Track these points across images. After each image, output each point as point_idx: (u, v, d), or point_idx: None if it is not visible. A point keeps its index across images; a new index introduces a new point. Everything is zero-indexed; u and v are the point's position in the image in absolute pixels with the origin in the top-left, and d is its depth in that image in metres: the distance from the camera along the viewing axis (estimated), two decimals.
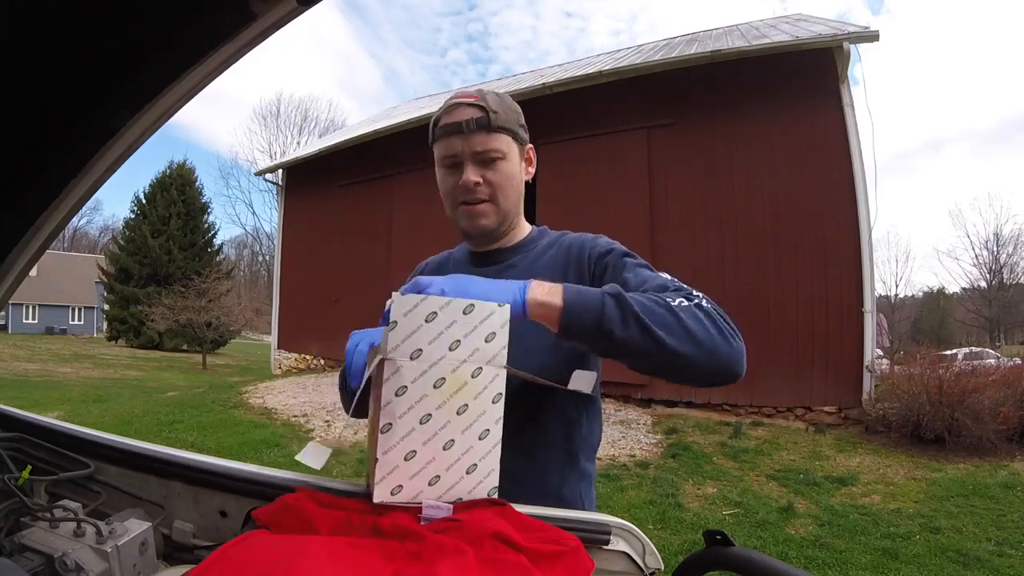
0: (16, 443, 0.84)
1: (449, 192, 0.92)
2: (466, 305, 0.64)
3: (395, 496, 0.62)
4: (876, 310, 6.28)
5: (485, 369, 0.65)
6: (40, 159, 0.73)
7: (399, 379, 0.62)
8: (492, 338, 0.65)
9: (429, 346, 0.62)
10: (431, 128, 0.93)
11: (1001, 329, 26.83)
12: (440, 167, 0.92)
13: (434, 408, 0.63)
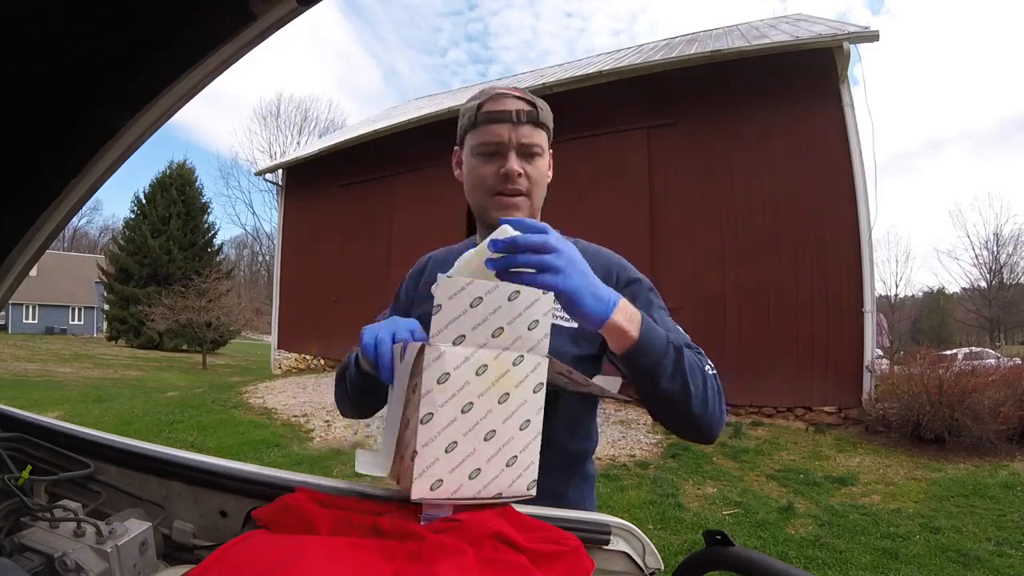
0: (16, 443, 0.84)
1: (484, 180, 0.89)
2: (512, 291, 0.62)
3: (434, 491, 0.59)
4: (876, 310, 6.28)
5: (527, 357, 0.63)
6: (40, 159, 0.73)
7: (442, 365, 0.59)
8: (535, 326, 0.63)
9: (473, 332, 0.60)
10: (469, 115, 0.90)
11: (1001, 329, 26.83)
12: (475, 155, 0.89)
13: (476, 396, 0.61)
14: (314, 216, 11.09)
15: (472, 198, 0.93)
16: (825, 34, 6.26)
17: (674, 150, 7.01)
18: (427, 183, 9.22)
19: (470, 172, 0.91)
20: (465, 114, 0.91)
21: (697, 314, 6.66)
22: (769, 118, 6.57)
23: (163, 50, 0.61)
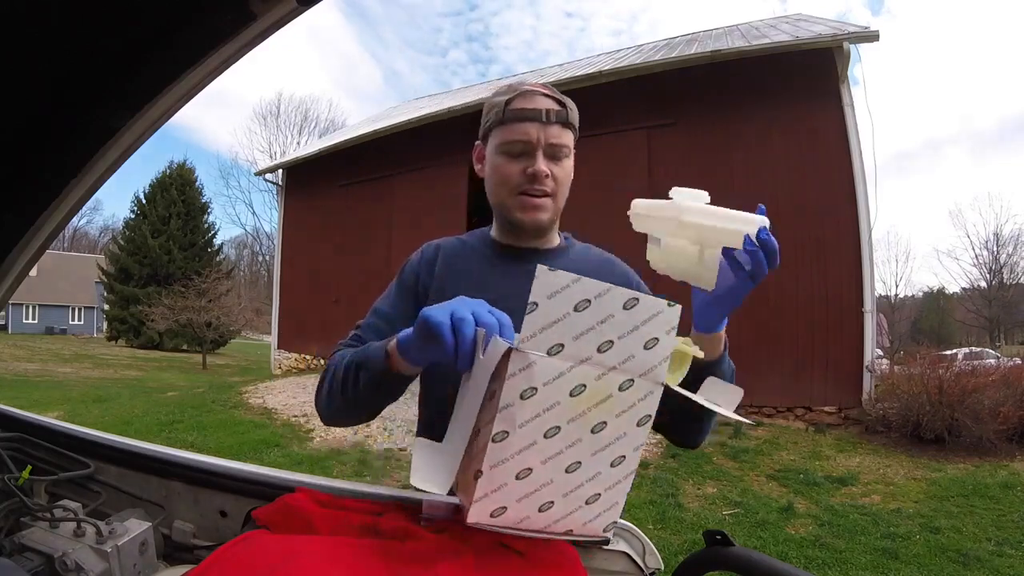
0: (16, 443, 0.84)
1: (509, 179, 0.87)
2: (629, 297, 0.51)
3: (495, 519, 0.52)
4: (876, 310, 6.28)
5: (637, 383, 0.52)
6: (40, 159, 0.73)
7: (529, 378, 0.49)
8: (653, 345, 0.52)
9: (574, 342, 0.50)
10: (496, 110, 0.87)
11: (1001, 329, 26.82)
12: (500, 153, 0.87)
13: (565, 421, 0.51)
14: (314, 216, 11.08)
15: (495, 195, 0.91)
16: (825, 34, 6.26)
17: (674, 150, 7.01)
18: (427, 183, 9.22)
19: (495, 170, 0.89)
20: (491, 109, 0.88)
21: None
22: (769, 118, 6.57)
23: (163, 50, 0.61)
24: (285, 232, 11.86)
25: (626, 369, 0.52)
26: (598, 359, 0.51)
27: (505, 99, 0.86)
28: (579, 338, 0.50)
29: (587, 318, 0.50)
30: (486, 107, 0.90)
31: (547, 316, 0.49)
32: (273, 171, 12.68)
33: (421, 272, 0.93)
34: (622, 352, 0.51)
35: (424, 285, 0.92)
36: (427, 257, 0.95)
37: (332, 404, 0.81)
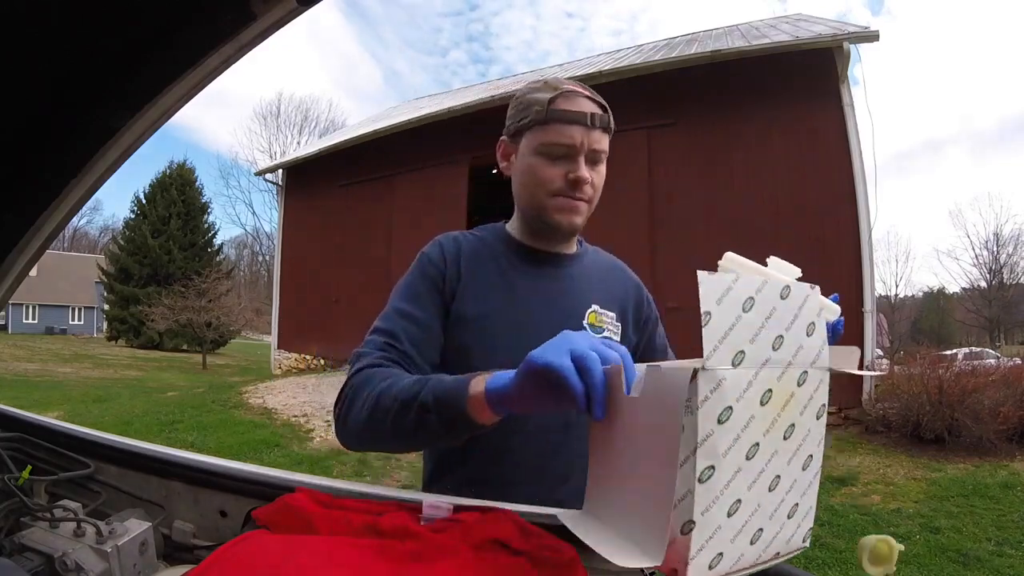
0: (16, 443, 0.84)
1: (548, 181, 0.83)
2: (783, 286, 0.49)
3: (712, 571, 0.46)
4: (876, 310, 6.28)
5: (811, 373, 0.50)
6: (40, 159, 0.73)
7: (722, 398, 0.44)
8: (812, 330, 0.50)
9: (751, 345, 0.46)
10: (537, 108, 0.82)
11: (1001, 329, 26.83)
12: (539, 153, 0.83)
13: (761, 434, 0.47)
14: (314, 216, 11.09)
15: (529, 196, 0.87)
16: (825, 34, 6.26)
17: (674, 150, 7.02)
18: (427, 183, 9.22)
19: (531, 171, 0.84)
20: (529, 106, 0.83)
21: (697, 314, 6.64)
22: (769, 118, 6.57)
23: (163, 50, 0.61)
24: (285, 232, 11.86)
25: (799, 362, 0.49)
26: (775, 358, 0.47)
27: (548, 97, 0.81)
28: (754, 340, 0.46)
29: (755, 316, 0.46)
30: (521, 103, 0.85)
31: (722, 323, 0.45)
32: (273, 171, 12.68)
33: (447, 271, 0.87)
34: (792, 345, 0.49)
35: (451, 286, 0.86)
36: (449, 253, 0.88)
37: (371, 435, 0.72)
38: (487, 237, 0.93)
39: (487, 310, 0.85)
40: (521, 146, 0.86)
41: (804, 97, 6.44)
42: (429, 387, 0.66)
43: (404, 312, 0.83)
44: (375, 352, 0.78)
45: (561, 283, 0.90)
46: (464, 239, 0.92)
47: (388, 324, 0.82)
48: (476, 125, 8.47)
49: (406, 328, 0.81)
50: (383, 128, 9.55)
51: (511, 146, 0.88)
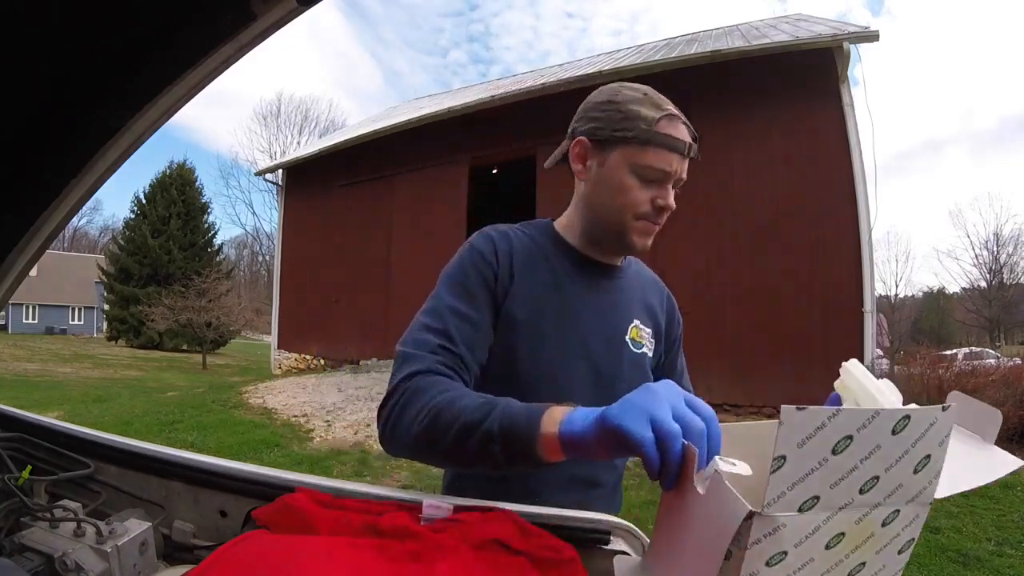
0: (16, 443, 0.84)
1: (636, 203, 0.80)
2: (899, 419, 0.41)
3: None
4: (876, 310, 6.28)
5: (903, 511, 0.44)
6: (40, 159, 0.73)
7: (777, 542, 0.40)
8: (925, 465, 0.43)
9: (831, 490, 0.40)
10: (642, 125, 0.78)
11: (1001, 329, 26.84)
12: (633, 172, 0.80)
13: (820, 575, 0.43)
14: (314, 216, 11.09)
15: (609, 211, 0.83)
16: (825, 34, 6.26)
17: None
18: (427, 183, 9.22)
19: (622, 189, 0.80)
20: (632, 119, 0.78)
21: (697, 314, 6.65)
22: (769, 118, 6.57)
23: (163, 50, 0.61)
24: (285, 232, 11.86)
25: (892, 502, 0.43)
26: (860, 501, 0.41)
27: (654, 117, 0.78)
28: (838, 484, 0.40)
29: (848, 458, 0.40)
30: (619, 111, 0.80)
31: (798, 469, 0.39)
32: (273, 171, 12.69)
33: (499, 268, 0.83)
34: (888, 485, 0.42)
35: (503, 285, 0.82)
36: (501, 249, 0.84)
37: (422, 451, 0.69)
38: (536, 236, 0.90)
39: (538, 314, 0.82)
40: (612, 157, 0.81)
41: (804, 97, 6.44)
42: (496, 415, 0.61)
43: (457, 310, 0.79)
44: (428, 356, 0.74)
45: (609, 295, 0.89)
46: (515, 236, 0.88)
47: (441, 323, 0.77)
48: (476, 125, 8.47)
49: (459, 327, 0.77)
50: (383, 128, 9.55)
51: (595, 152, 0.83)
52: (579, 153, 0.86)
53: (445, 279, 0.83)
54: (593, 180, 0.84)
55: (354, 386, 7.45)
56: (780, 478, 0.38)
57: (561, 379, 0.82)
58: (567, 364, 0.83)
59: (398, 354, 0.76)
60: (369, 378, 7.88)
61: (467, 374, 0.76)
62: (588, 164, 0.85)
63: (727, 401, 6.43)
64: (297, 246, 11.49)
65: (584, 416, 0.55)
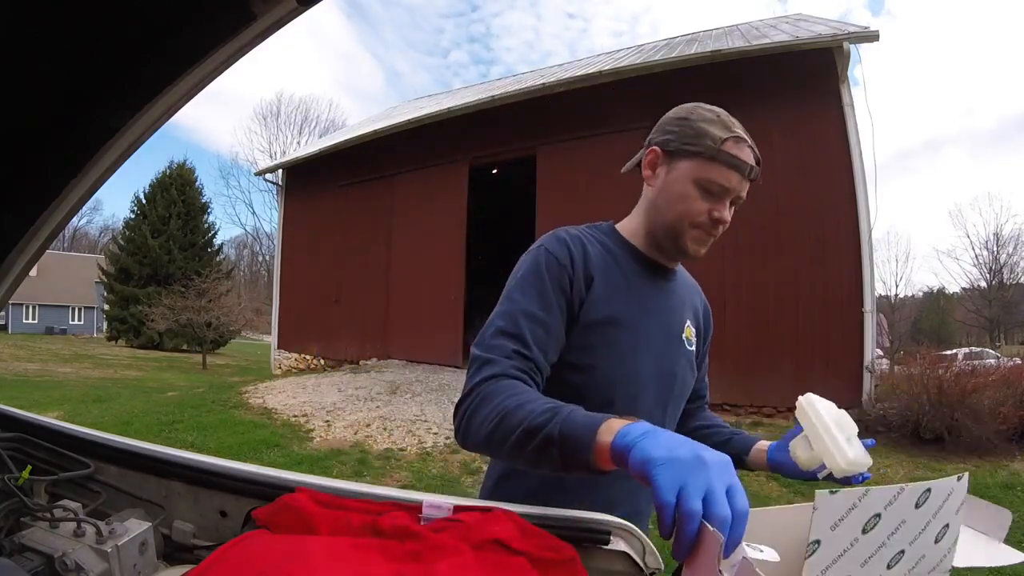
0: (16, 443, 0.84)
1: (695, 213, 0.87)
2: (921, 493, 0.43)
3: None
4: (876, 310, 6.28)
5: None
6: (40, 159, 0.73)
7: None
8: (944, 534, 0.45)
9: (862, 569, 0.42)
10: (709, 142, 0.85)
11: (1001, 329, 26.82)
12: (696, 185, 0.86)
13: None
14: (314, 216, 11.09)
15: (670, 216, 0.89)
16: (825, 34, 6.26)
17: None
18: (427, 183, 9.22)
19: (685, 198, 0.87)
20: (701, 136, 0.85)
21: None
22: (769, 118, 6.57)
23: (163, 50, 0.61)
24: (285, 232, 11.87)
25: (916, 573, 0.45)
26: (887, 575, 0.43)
27: (722, 136, 0.85)
28: (867, 562, 0.42)
29: (877, 536, 0.42)
30: (691, 127, 0.87)
31: (831, 552, 0.41)
32: (273, 171, 12.69)
33: (574, 274, 0.86)
34: (913, 557, 0.44)
35: (579, 290, 0.86)
36: (576, 255, 0.88)
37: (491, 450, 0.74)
38: (605, 240, 0.95)
39: (614, 315, 0.87)
40: (679, 168, 0.88)
41: (804, 97, 6.45)
42: (558, 420, 0.64)
43: (532, 314, 0.81)
44: (503, 360, 0.77)
45: (669, 296, 0.96)
46: (587, 240, 0.92)
47: (516, 327, 0.80)
48: (476, 125, 8.47)
49: (534, 331, 0.80)
50: (383, 128, 9.55)
51: (665, 161, 0.90)
52: (651, 160, 0.92)
53: (519, 281, 0.86)
54: (659, 187, 0.91)
55: (354, 386, 7.45)
56: (815, 563, 0.40)
57: (633, 376, 0.88)
58: (639, 362, 0.89)
59: (474, 357, 0.80)
60: (369, 378, 7.88)
61: (539, 376, 0.80)
62: (657, 172, 0.92)
63: (727, 401, 6.43)
64: (297, 246, 11.49)
65: (638, 430, 0.56)
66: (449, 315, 8.60)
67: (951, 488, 0.44)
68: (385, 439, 5.29)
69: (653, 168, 0.92)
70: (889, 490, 0.42)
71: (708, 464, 0.51)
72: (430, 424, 5.64)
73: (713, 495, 0.48)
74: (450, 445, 5.08)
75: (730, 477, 0.52)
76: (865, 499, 0.41)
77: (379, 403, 6.52)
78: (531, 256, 0.88)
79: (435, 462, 4.68)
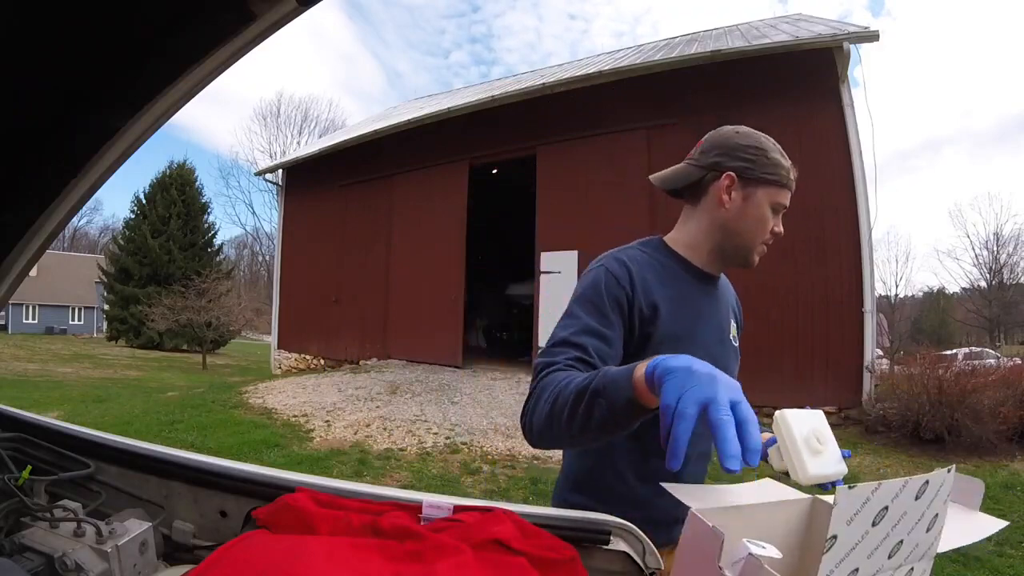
0: (16, 443, 0.84)
1: (765, 231, 1.00)
2: (920, 485, 0.46)
3: None
4: (876, 310, 6.28)
5: (917, 567, 0.49)
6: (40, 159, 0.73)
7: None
8: (934, 523, 0.48)
9: (868, 560, 0.44)
10: (782, 172, 0.98)
11: (1001, 329, 26.81)
12: (771, 207, 0.99)
13: None
14: (314, 216, 11.09)
15: (746, 236, 1.00)
16: (825, 34, 6.26)
17: (675, 150, 6.97)
18: (427, 183, 9.22)
19: (762, 220, 0.99)
20: (776, 167, 0.98)
21: None
22: (769, 118, 6.56)
23: (163, 50, 0.61)
24: (285, 232, 11.86)
25: (910, 561, 0.48)
26: (887, 565, 0.46)
27: (788, 166, 1.00)
28: (873, 554, 0.44)
29: (882, 528, 0.44)
30: (766, 159, 0.98)
31: (844, 547, 0.42)
32: (273, 171, 12.68)
33: (634, 295, 0.93)
34: (909, 547, 0.47)
35: (640, 309, 0.93)
36: (637, 276, 0.95)
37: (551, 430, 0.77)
38: (660, 257, 1.02)
39: (677, 332, 0.95)
40: (757, 195, 0.98)
41: (804, 97, 6.44)
42: (600, 374, 0.70)
43: (593, 329, 0.88)
44: (561, 361, 0.83)
45: (717, 301, 1.06)
46: (644, 261, 0.99)
47: (579, 338, 0.86)
48: (476, 125, 8.47)
49: (595, 345, 0.86)
50: (383, 128, 9.55)
51: (741, 187, 0.98)
52: (727, 186, 0.99)
53: (580, 300, 0.93)
54: (736, 210, 0.99)
55: (354, 386, 7.45)
56: (830, 559, 0.41)
57: None
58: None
59: (536, 365, 0.86)
60: (369, 378, 7.88)
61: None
62: (732, 196, 0.99)
63: None
64: (297, 246, 11.49)
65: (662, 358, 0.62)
66: (449, 315, 8.60)
67: (943, 480, 0.48)
68: (385, 439, 5.29)
69: (728, 192, 0.99)
70: (896, 483, 0.44)
71: (717, 379, 0.58)
72: (430, 424, 5.64)
73: (715, 402, 0.55)
74: (450, 445, 5.08)
75: (737, 393, 0.58)
76: (877, 492, 0.43)
77: (379, 403, 6.52)
78: (591, 275, 0.96)
79: (435, 462, 4.68)
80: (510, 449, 5.01)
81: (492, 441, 5.21)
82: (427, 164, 9.19)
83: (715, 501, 0.53)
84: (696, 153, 1.05)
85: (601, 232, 7.28)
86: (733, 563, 0.44)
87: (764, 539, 0.46)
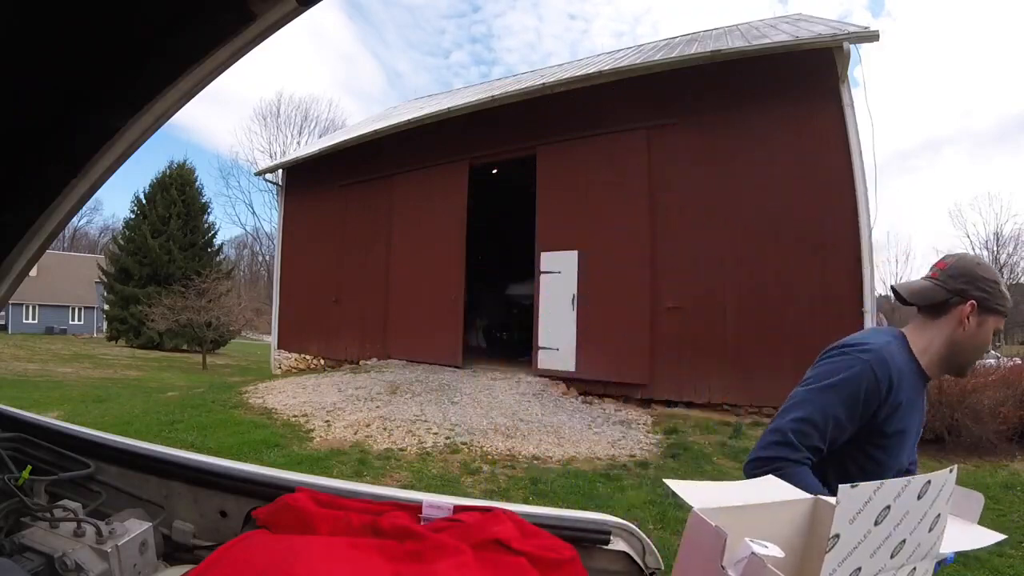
0: (16, 443, 0.84)
1: (985, 351, 1.21)
2: (922, 485, 0.47)
3: None
4: (876, 310, 6.28)
5: (919, 567, 0.49)
6: (40, 159, 0.73)
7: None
8: (936, 523, 0.49)
9: (871, 560, 0.45)
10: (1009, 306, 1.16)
11: (1001, 329, 26.78)
12: (991, 330, 1.15)
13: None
14: (314, 216, 11.09)
15: (971, 356, 1.18)
16: (825, 34, 6.26)
17: (675, 150, 7.02)
18: (427, 183, 9.22)
19: (985, 342, 1.17)
20: (1004, 300, 1.14)
21: (697, 314, 6.65)
22: (769, 118, 6.57)
23: (163, 50, 0.61)
24: (285, 232, 11.86)
25: (912, 560, 0.48)
26: (890, 565, 0.46)
27: (1009, 298, 1.16)
28: (875, 553, 0.45)
29: (885, 527, 0.45)
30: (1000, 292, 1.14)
31: (847, 545, 0.43)
32: (273, 171, 12.68)
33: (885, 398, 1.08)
34: (911, 546, 0.47)
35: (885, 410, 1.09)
36: (894, 380, 1.10)
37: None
38: (906, 356, 1.17)
39: (906, 428, 1.13)
40: (988, 322, 1.15)
41: (804, 97, 6.44)
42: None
43: (838, 421, 1.07)
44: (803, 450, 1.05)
45: (924, 396, 1.22)
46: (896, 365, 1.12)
47: (823, 423, 1.06)
48: (476, 125, 8.47)
49: (835, 435, 1.07)
50: (383, 128, 9.55)
51: (978, 314, 1.14)
52: (968, 312, 1.14)
53: (839, 387, 1.09)
54: (971, 333, 1.15)
55: (354, 386, 7.45)
56: (833, 557, 0.41)
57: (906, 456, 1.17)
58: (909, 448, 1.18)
59: (778, 428, 1.08)
60: (369, 378, 7.88)
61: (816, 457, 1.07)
62: (970, 320, 1.15)
63: (727, 401, 6.43)
64: (297, 246, 11.49)
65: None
66: (449, 315, 8.59)
67: (945, 481, 0.48)
68: (385, 439, 5.29)
69: (968, 317, 1.14)
70: (898, 483, 0.45)
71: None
72: (430, 424, 5.64)
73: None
74: (450, 445, 5.08)
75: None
76: (879, 492, 0.44)
77: (379, 403, 6.51)
78: (857, 369, 1.10)
79: (435, 462, 4.68)
80: (510, 449, 5.01)
81: (492, 441, 5.21)
82: (427, 164, 9.19)
83: (718, 500, 0.53)
84: (942, 276, 1.18)
85: (601, 232, 7.28)
86: (736, 562, 0.44)
87: (767, 538, 0.46)
